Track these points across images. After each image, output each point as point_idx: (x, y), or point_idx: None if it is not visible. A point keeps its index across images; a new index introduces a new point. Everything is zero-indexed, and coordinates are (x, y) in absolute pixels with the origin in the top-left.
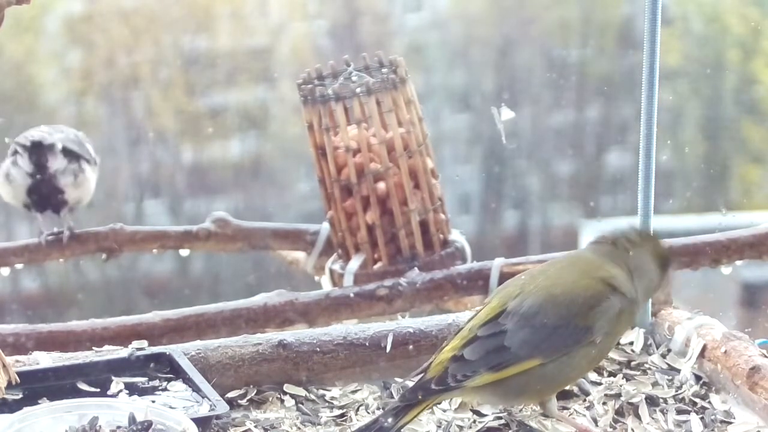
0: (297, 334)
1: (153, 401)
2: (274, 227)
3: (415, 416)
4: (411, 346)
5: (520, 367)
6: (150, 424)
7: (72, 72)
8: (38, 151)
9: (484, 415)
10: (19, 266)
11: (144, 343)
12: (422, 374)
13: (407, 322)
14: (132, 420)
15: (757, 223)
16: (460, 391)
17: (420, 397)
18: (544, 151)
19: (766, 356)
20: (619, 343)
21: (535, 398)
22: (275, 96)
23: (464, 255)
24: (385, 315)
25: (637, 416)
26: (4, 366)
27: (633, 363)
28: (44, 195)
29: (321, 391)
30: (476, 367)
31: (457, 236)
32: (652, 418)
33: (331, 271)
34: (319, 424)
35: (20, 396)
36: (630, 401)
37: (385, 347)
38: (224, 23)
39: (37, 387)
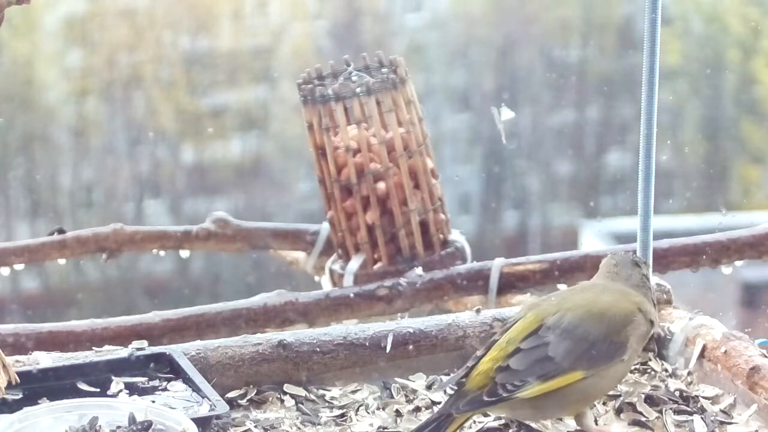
0: (297, 334)
1: (153, 401)
2: (274, 227)
3: (456, 429)
4: (411, 346)
5: (566, 380)
6: (150, 424)
7: (73, 72)
8: None
9: (486, 416)
10: (19, 266)
11: (144, 343)
12: (459, 385)
13: (407, 322)
14: (132, 420)
15: (757, 223)
16: (507, 404)
17: (469, 409)
18: (544, 151)
19: (766, 356)
20: None
21: (572, 411)
22: (276, 96)
23: (464, 255)
24: (385, 315)
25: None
26: (4, 366)
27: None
28: None
29: (321, 391)
30: (525, 376)
31: (457, 236)
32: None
33: (331, 271)
34: (319, 424)
35: (20, 396)
36: (629, 401)
37: (385, 347)
38: (225, 23)
39: (37, 387)
